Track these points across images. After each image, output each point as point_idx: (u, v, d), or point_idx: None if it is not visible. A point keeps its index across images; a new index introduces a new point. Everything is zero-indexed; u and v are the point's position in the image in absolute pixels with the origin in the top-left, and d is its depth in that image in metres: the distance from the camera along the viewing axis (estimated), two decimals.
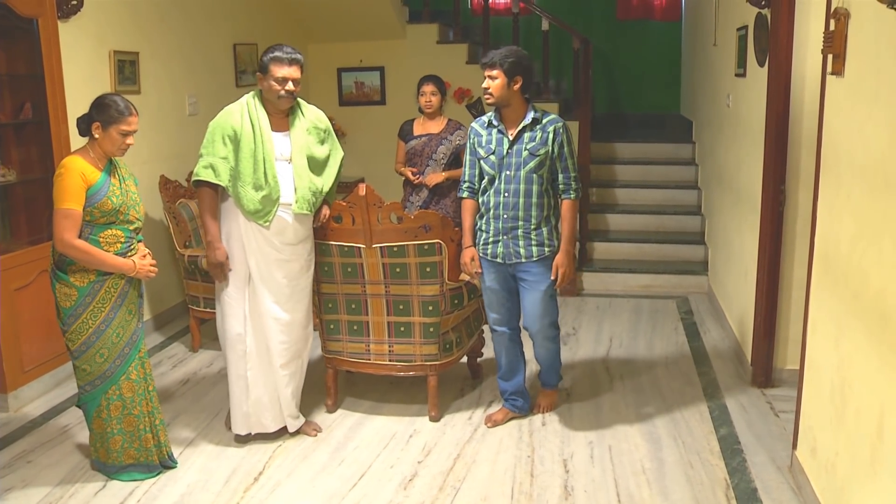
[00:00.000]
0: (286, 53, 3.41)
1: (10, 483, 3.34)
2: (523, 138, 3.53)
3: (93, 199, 3.09)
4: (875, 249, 2.44)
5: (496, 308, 3.75)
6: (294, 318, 3.58)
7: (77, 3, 4.41)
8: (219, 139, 3.44)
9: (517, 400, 3.87)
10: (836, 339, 2.81)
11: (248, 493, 3.25)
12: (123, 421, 3.27)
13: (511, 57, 3.46)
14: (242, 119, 3.44)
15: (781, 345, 4.18)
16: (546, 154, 3.51)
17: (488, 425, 3.80)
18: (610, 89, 9.09)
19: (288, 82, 3.40)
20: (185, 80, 5.67)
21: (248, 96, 3.52)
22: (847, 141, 2.73)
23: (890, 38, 2.29)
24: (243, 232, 3.46)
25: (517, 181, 3.52)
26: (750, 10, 4.37)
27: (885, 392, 2.33)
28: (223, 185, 3.43)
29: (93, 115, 3.15)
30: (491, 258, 3.64)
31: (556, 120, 3.56)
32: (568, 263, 3.59)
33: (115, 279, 3.19)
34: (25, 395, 4.14)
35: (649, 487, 3.25)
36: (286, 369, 3.60)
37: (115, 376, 3.24)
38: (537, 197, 3.54)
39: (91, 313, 3.16)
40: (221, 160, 3.42)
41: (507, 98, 3.50)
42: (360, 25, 7.38)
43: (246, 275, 3.50)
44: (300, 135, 3.52)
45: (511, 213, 3.55)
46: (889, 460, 2.31)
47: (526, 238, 3.56)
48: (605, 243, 6.57)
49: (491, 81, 3.48)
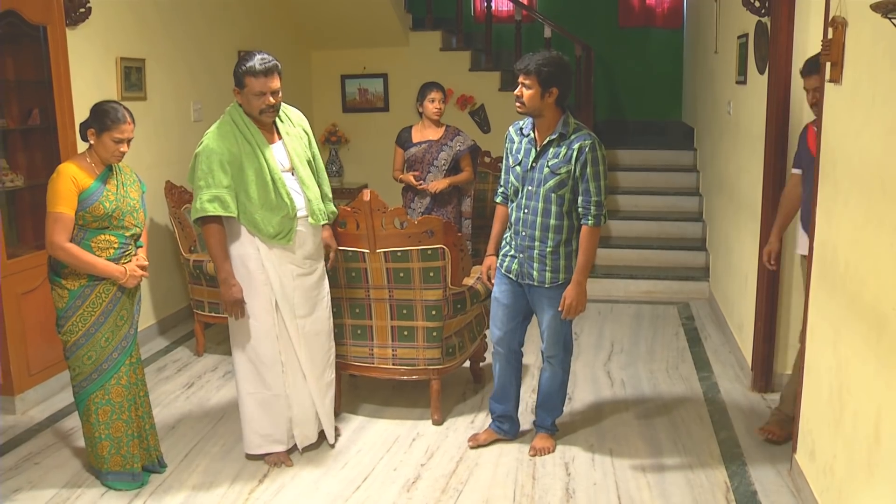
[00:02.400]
0: (261, 63, 3.17)
1: (18, 484, 3.38)
2: (548, 153, 3.26)
3: (84, 204, 3.10)
4: (872, 255, 2.47)
5: (499, 324, 3.55)
6: (321, 328, 3.53)
7: (85, 11, 4.46)
8: (217, 168, 3.20)
9: (504, 423, 3.70)
10: (834, 343, 2.84)
11: (253, 496, 3.28)
12: (111, 426, 3.28)
13: (549, 66, 3.17)
14: (237, 140, 3.24)
15: (781, 350, 4.21)
16: (568, 173, 3.21)
17: (471, 444, 3.67)
18: (611, 96, 9.15)
19: (267, 95, 3.19)
20: (189, 87, 5.73)
21: (231, 113, 3.31)
22: (845, 148, 2.77)
23: (886, 47, 2.33)
24: (263, 256, 3.30)
25: (537, 198, 3.29)
26: (750, 18, 4.41)
27: (882, 395, 2.36)
28: (233, 216, 3.24)
29: (90, 121, 3.17)
30: (506, 272, 3.47)
31: (585, 137, 3.22)
32: (576, 295, 3.29)
33: (107, 284, 3.20)
34: (32, 398, 4.18)
35: (650, 490, 3.28)
36: (321, 380, 3.56)
37: (101, 379, 3.24)
38: (556, 218, 3.27)
39: (81, 317, 3.18)
40: (226, 190, 3.21)
41: (539, 109, 3.22)
42: (363, 32, 7.44)
43: (271, 296, 3.36)
44: (294, 141, 3.38)
45: (528, 231, 3.33)
46: (886, 462, 2.34)
47: (541, 261, 3.33)
48: (606, 249, 6.61)
49: (524, 89, 3.19)
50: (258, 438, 3.53)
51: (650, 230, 6.83)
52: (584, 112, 6.90)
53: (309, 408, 3.55)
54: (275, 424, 3.51)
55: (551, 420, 3.66)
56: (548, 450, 3.60)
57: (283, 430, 3.53)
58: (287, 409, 3.50)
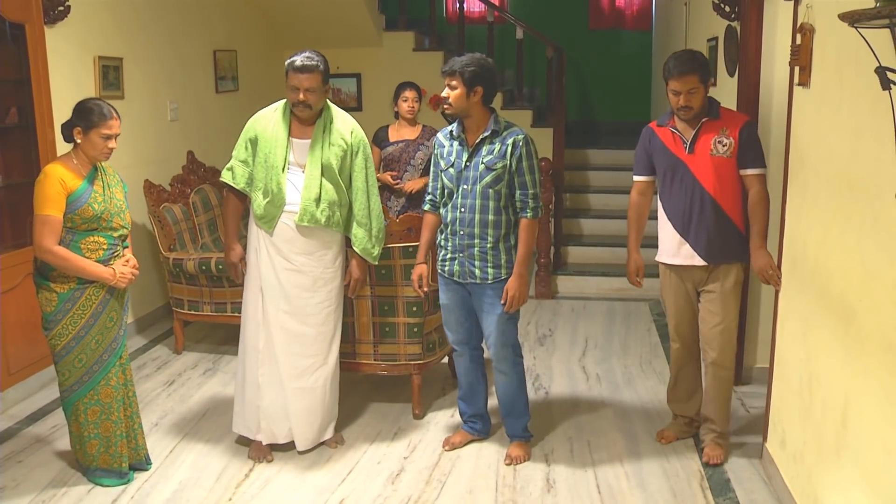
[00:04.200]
0: (300, 60, 3.30)
1: (2, 483, 3.39)
2: (481, 151, 3.32)
3: (73, 206, 3.09)
4: (839, 251, 2.60)
5: (453, 327, 3.57)
6: (306, 330, 3.49)
7: (63, 10, 4.46)
8: (242, 142, 3.49)
9: (476, 423, 3.72)
10: (803, 335, 2.97)
11: (240, 489, 3.33)
12: (100, 426, 3.29)
13: (472, 66, 3.25)
14: (266, 123, 3.44)
15: (752, 344, 4.35)
16: (504, 168, 3.29)
17: (446, 448, 3.66)
18: (582, 97, 9.28)
19: (300, 92, 3.30)
20: (166, 86, 5.73)
21: (283, 101, 3.48)
22: (813, 148, 2.90)
23: (851, 54, 2.45)
24: (255, 237, 3.47)
25: (473, 196, 3.32)
26: (720, 22, 4.55)
27: (850, 382, 2.49)
28: (239, 189, 3.49)
29: (74, 119, 3.15)
30: (448, 276, 3.47)
31: (517, 132, 3.32)
32: (518, 287, 3.33)
33: (97, 287, 3.19)
34: (11, 398, 4.17)
35: (628, 480, 3.39)
36: (295, 382, 3.50)
37: (92, 382, 3.24)
38: (494, 214, 3.32)
39: (71, 319, 3.17)
40: (241, 164, 3.48)
41: (466, 109, 3.29)
42: (336, 33, 7.47)
43: (259, 282, 3.47)
44: (321, 145, 3.42)
45: (467, 229, 3.35)
46: (852, 446, 2.47)
47: (482, 258, 3.35)
48: (578, 247, 6.73)
49: (450, 91, 3.28)
50: (237, 417, 3.64)
51: (621, 228, 6.89)
52: (555, 113, 7.00)
53: (279, 405, 3.52)
54: (246, 410, 3.58)
55: (521, 426, 3.62)
56: (522, 458, 3.56)
57: (252, 419, 3.56)
58: (258, 398, 3.52)
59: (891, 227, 2.20)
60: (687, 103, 3.26)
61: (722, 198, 3.32)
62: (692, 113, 3.29)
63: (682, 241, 3.40)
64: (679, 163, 3.36)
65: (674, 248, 3.45)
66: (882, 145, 2.22)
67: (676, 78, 3.24)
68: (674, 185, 3.40)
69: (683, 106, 3.27)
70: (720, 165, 3.30)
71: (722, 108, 3.36)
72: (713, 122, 3.32)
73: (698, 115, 3.31)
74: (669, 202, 3.44)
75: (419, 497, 3.27)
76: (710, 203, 3.33)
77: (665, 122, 3.44)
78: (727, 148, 3.28)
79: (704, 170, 3.32)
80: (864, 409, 2.40)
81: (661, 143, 3.42)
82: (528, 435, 3.65)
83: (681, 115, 3.33)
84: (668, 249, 3.49)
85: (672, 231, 3.44)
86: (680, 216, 3.40)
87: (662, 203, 3.49)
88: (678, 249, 3.43)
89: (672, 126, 3.39)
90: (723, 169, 3.30)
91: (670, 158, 3.39)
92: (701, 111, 3.31)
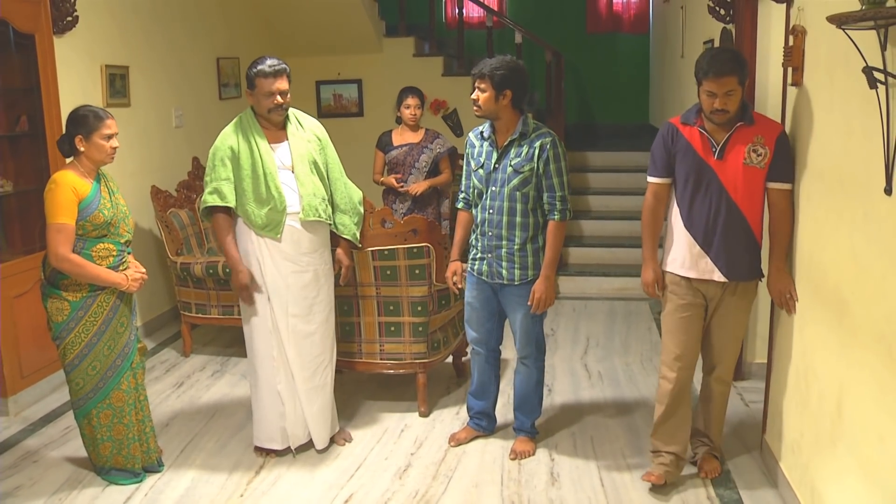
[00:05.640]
0: (270, 66, 3.39)
1: (19, 481, 3.47)
2: (510, 153, 3.36)
3: (85, 213, 3.14)
4: (832, 246, 2.68)
5: (475, 326, 3.63)
6: (314, 330, 3.57)
7: (72, 20, 4.55)
8: (219, 163, 3.46)
9: (482, 420, 3.79)
10: (800, 329, 3.05)
11: (251, 486, 3.41)
12: (113, 429, 3.36)
13: (501, 69, 3.26)
14: (237, 137, 3.46)
15: (751, 340, 4.43)
16: (531, 171, 3.31)
17: (452, 444, 3.73)
18: (581, 100, 9.38)
19: (276, 95, 3.40)
20: (171, 94, 5.82)
21: (242, 115, 3.54)
22: (806, 147, 2.98)
23: (841, 54, 2.54)
24: (257, 248, 3.46)
25: (501, 198, 3.37)
26: (715, 25, 4.64)
27: (844, 373, 2.57)
28: (231, 206, 3.45)
29: (72, 130, 3.19)
30: (477, 275, 3.54)
31: (545, 135, 3.34)
32: (545, 289, 3.38)
33: (107, 294, 3.25)
34: (24, 400, 4.25)
35: (630, 472, 3.46)
36: (308, 383, 3.58)
37: (106, 388, 3.30)
38: (521, 216, 3.37)
39: (83, 327, 3.22)
40: (224, 181, 3.44)
41: (495, 111, 3.33)
42: (338, 39, 7.56)
43: (265, 291, 3.50)
44: (299, 143, 3.52)
45: (495, 230, 3.41)
46: (846, 434, 2.54)
47: (509, 259, 3.40)
48: (579, 248, 6.81)
49: (479, 93, 3.31)
50: (258, 432, 3.66)
51: (621, 229, 7.03)
52: (555, 115, 7.10)
53: (298, 408, 3.62)
54: (268, 420, 3.62)
55: (530, 422, 3.70)
56: (528, 453, 3.62)
57: (275, 427, 3.62)
58: (279, 405, 3.59)
59: (880, 222, 2.28)
60: (723, 106, 2.95)
61: (749, 211, 3.06)
62: (727, 117, 2.99)
63: (703, 254, 3.12)
64: (706, 168, 3.06)
65: (690, 260, 3.16)
66: (871, 142, 2.30)
67: (713, 79, 2.92)
68: (698, 193, 3.10)
69: (719, 109, 2.96)
70: (752, 176, 3.02)
71: (755, 113, 3.09)
72: (747, 127, 3.01)
73: (732, 118, 3.02)
74: (691, 211, 3.13)
75: (426, 491, 3.35)
76: (738, 216, 3.05)
77: (691, 120, 3.12)
78: (762, 158, 3.00)
79: (734, 179, 3.03)
80: (857, 398, 2.47)
81: (687, 143, 3.11)
82: (534, 431, 3.73)
83: (714, 119, 3.02)
84: (683, 260, 3.18)
85: (690, 242, 3.14)
86: (702, 227, 3.10)
87: (681, 210, 3.18)
88: (695, 262, 3.15)
89: (700, 126, 3.09)
90: (753, 180, 3.02)
91: (697, 162, 3.08)
92: (735, 115, 3.02)
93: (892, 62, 2.13)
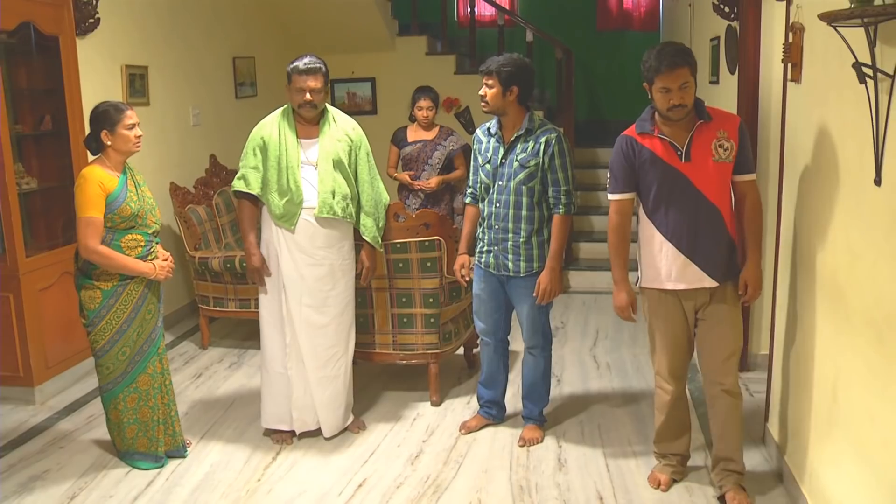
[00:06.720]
0: (304, 64, 3.52)
1: (47, 466, 3.61)
2: (516, 149, 3.48)
3: (113, 206, 3.29)
4: (829, 236, 2.77)
5: (483, 317, 3.75)
6: (328, 321, 3.68)
7: (94, 22, 4.70)
8: (250, 151, 3.64)
9: (492, 409, 3.90)
10: (799, 318, 3.14)
11: (268, 471, 3.54)
12: (139, 412, 3.50)
13: (508, 66, 3.39)
14: (272, 129, 3.62)
15: (755, 332, 4.51)
16: (537, 166, 3.44)
17: (462, 432, 3.85)
18: (591, 97, 9.44)
19: (306, 93, 3.52)
20: (188, 93, 5.96)
21: (285, 107, 3.70)
22: (805, 141, 3.06)
23: (835, 50, 2.62)
24: (275, 238, 3.61)
25: (508, 192, 3.48)
26: (721, 22, 4.72)
27: (839, 359, 2.66)
28: (255, 194, 3.62)
29: (96, 126, 3.33)
30: (484, 267, 3.65)
31: (551, 131, 3.47)
32: (550, 280, 3.49)
33: (137, 282, 3.41)
34: (49, 390, 4.39)
35: (636, 459, 3.56)
36: (320, 372, 3.69)
37: (134, 372, 3.46)
38: (527, 210, 3.48)
39: (114, 314, 3.38)
40: (252, 170, 3.62)
41: (502, 107, 3.45)
42: (351, 38, 7.67)
43: (279, 279, 3.64)
44: (329, 141, 3.61)
45: (501, 224, 3.52)
46: (842, 418, 2.63)
47: (515, 252, 3.52)
48: (589, 243, 6.90)
49: (487, 89, 3.43)
50: (266, 413, 3.81)
51: None
52: (565, 112, 7.18)
53: (307, 395, 3.73)
54: (277, 402, 3.76)
55: (539, 410, 3.80)
56: (536, 440, 3.73)
57: (284, 409, 3.75)
58: (288, 389, 3.72)
59: (871, 211, 2.37)
60: (681, 101, 2.87)
61: (723, 207, 3.01)
62: (685, 112, 2.91)
63: (688, 262, 3.02)
64: (676, 174, 2.98)
65: (677, 272, 3.04)
66: (863, 135, 2.39)
67: (667, 73, 2.85)
68: (671, 201, 3.00)
69: (677, 104, 2.88)
70: (723, 172, 2.97)
71: (709, 108, 3.01)
72: (707, 124, 2.97)
73: (690, 117, 2.97)
74: (667, 220, 3.03)
75: (437, 476, 3.46)
76: (716, 215, 2.99)
77: (647, 128, 3.03)
78: (729, 152, 2.95)
79: (706, 179, 2.96)
80: (851, 383, 2.56)
81: (650, 153, 3.01)
82: (543, 419, 3.84)
83: (672, 117, 2.92)
84: (668, 274, 3.07)
85: (674, 253, 3.03)
86: (685, 234, 3.00)
87: (655, 222, 3.07)
88: (683, 272, 3.03)
89: (659, 133, 3.00)
90: (724, 175, 2.98)
91: (665, 170, 2.99)
92: (692, 112, 2.96)
93: (880, 58, 2.21)
